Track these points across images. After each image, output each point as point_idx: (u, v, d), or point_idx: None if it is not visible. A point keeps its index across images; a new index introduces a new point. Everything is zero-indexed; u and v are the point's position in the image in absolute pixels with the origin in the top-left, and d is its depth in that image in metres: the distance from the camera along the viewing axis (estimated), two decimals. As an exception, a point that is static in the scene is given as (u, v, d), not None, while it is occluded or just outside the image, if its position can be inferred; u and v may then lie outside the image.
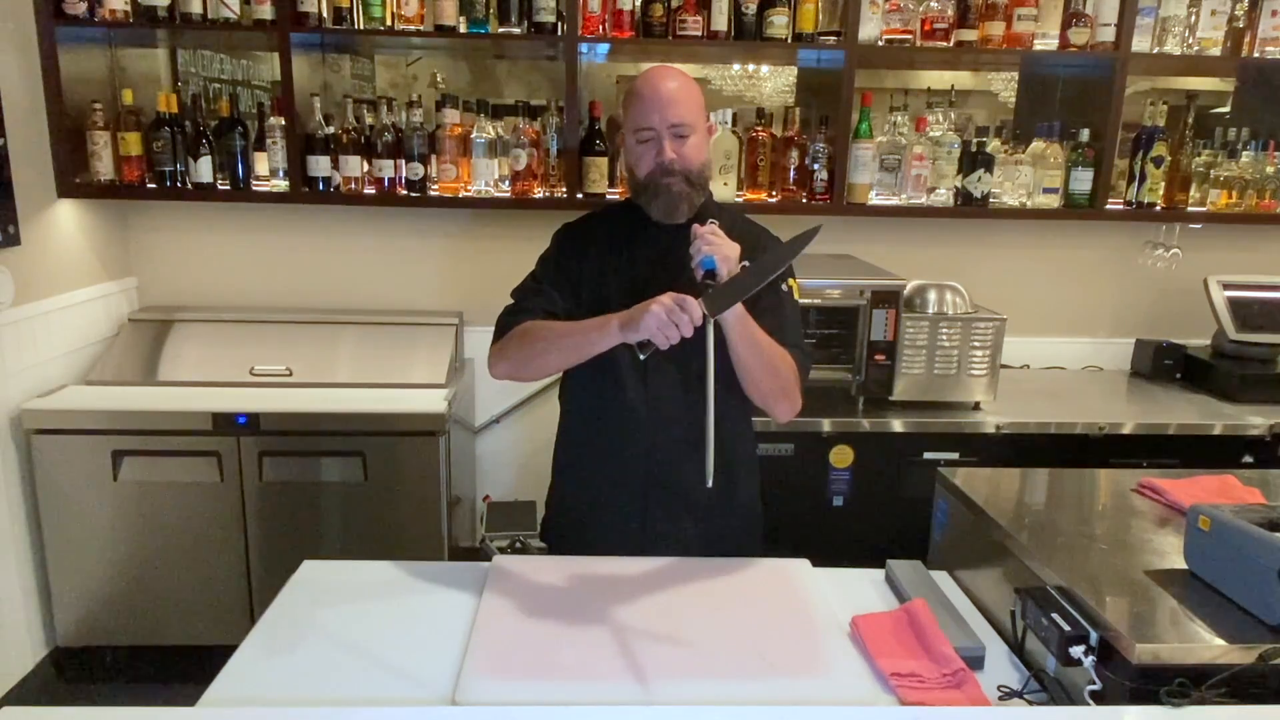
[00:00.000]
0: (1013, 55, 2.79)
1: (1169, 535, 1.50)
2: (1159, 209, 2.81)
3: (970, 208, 2.76)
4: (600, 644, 1.33)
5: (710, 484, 1.37)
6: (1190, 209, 2.83)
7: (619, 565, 1.58)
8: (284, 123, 2.63)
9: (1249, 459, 2.52)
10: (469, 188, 2.74)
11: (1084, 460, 2.46)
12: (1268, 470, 1.92)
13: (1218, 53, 2.71)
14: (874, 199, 2.76)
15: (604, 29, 2.61)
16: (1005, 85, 3.30)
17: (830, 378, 2.54)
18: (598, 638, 1.35)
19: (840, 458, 2.48)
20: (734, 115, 2.77)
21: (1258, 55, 2.72)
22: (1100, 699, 1.19)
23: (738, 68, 3.40)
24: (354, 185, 2.71)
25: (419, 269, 3.07)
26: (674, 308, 1.35)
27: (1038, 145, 2.79)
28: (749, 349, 1.50)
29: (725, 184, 2.71)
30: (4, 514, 2.44)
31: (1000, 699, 1.25)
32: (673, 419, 1.63)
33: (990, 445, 2.50)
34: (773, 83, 3.46)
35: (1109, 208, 2.80)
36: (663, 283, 1.45)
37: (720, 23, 2.60)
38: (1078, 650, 1.20)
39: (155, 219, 2.98)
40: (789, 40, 2.61)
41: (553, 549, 1.79)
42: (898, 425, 2.49)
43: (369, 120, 2.75)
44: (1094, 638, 1.20)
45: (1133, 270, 3.11)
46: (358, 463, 2.51)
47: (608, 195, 2.70)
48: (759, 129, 2.74)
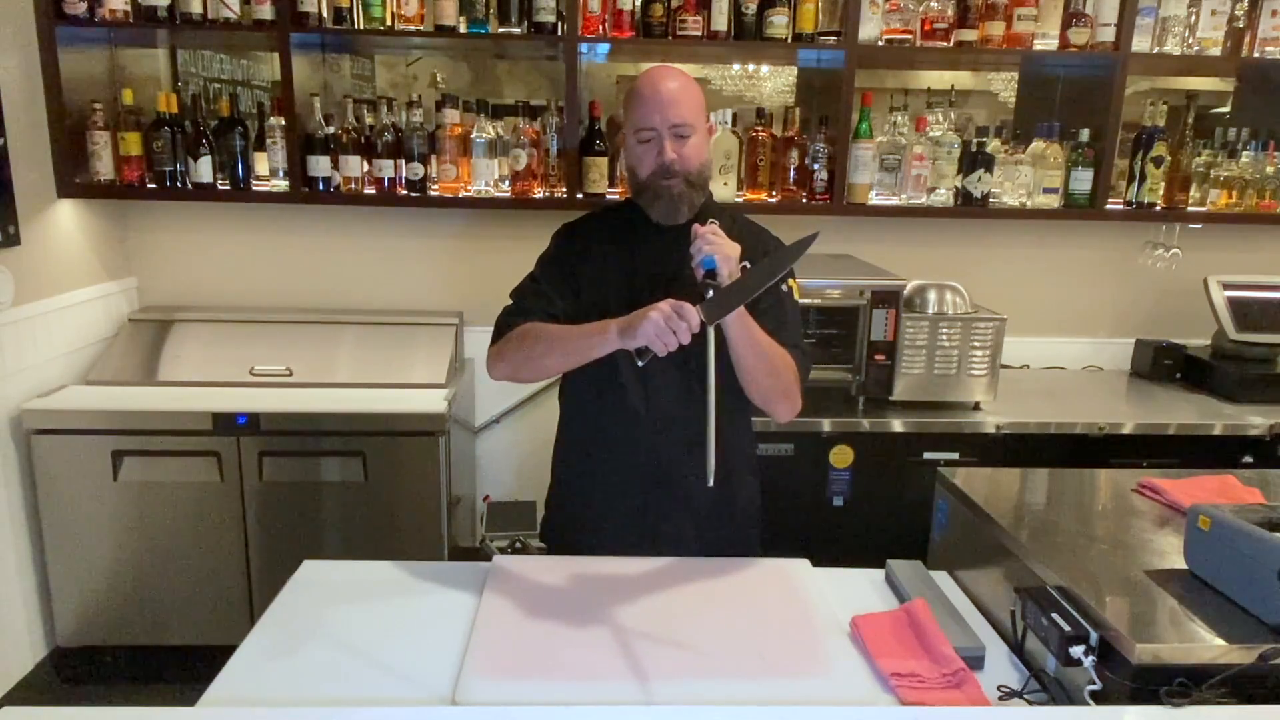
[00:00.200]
0: (1013, 55, 2.80)
1: (1169, 535, 1.50)
2: (1159, 209, 2.81)
3: (970, 208, 2.76)
4: (600, 644, 1.33)
5: (711, 484, 1.37)
6: (1190, 209, 2.83)
7: (619, 565, 1.58)
8: (284, 123, 2.63)
9: (1249, 459, 2.52)
10: (469, 188, 2.74)
11: (1084, 460, 2.46)
12: (1268, 470, 1.91)
13: (1218, 53, 2.71)
14: (874, 199, 2.76)
15: (604, 29, 2.61)
16: (1005, 85, 3.31)
17: (830, 378, 2.54)
18: (597, 638, 1.35)
19: (840, 458, 2.48)
20: (734, 115, 2.77)
21: (1258, 55, 2.72)
22: (1100, 699, 1.19)
23: (738, 68, 3.41)
24: (354, 185, 2.71)
25: (419, 269, 3.07)
26: (672, 315, 1.34)
27: (1038, 145, 2.79)
28: (749, 350, 1.50)
29: (725, 184, 2.71)
30: (4, 514, 2.44)
31: (1000, 699, 1.25)
32: (673, 419, 1.63)
33: (990, 445, 2.50)
34: (773, 83, 3.46)
35: (1109, 208, 2.80)
36: (663, 283, 1.45)
37: (720, 23, 2.60)
38: (1078, 650, 1.20)
39: (155, 219, 2.98)
40: (789, 40, 2.61)
41: (552, 549, 1.79)
42: (898, 425, 2.49)
43: (369, 120, 2.76)
44: (1094, 638, 1.20)
45: (1133, 270, 3.11)
46: (358, 463, 2.52)
47: (608, 195, 2.70)
48: (759, 129, 2.74)
